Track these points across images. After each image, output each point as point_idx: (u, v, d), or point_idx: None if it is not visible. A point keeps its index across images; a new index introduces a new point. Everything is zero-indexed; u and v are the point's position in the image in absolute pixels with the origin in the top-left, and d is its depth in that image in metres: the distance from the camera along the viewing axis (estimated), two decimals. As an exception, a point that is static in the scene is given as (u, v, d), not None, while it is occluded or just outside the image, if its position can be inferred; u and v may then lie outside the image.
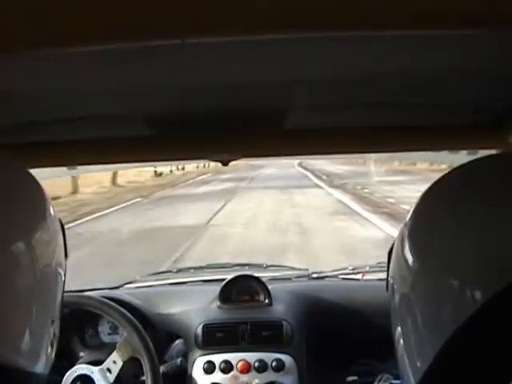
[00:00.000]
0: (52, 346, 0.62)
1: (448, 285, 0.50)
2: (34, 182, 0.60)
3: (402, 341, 0.58)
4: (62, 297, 0.64)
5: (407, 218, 0.58)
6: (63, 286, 0.64)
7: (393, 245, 0.61)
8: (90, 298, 1.39)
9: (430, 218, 0.56)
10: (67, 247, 0.65)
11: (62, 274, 0.63)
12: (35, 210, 0.59)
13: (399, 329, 0.58)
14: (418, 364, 0.54)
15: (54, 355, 0.62)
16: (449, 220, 0.53)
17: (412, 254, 0.55)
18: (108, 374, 1.30)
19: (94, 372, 1.30)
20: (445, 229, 0.52)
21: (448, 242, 0.51)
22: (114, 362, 1.31)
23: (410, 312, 0.55)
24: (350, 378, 1.48)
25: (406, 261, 0.55)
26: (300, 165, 28.52)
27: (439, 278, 0.51)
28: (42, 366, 0.59)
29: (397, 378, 1.35)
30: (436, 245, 0.53)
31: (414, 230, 0.56)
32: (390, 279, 0.60)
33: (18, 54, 0.45)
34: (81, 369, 1.31)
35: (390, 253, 0.62)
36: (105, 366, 1.31)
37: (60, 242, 0.62)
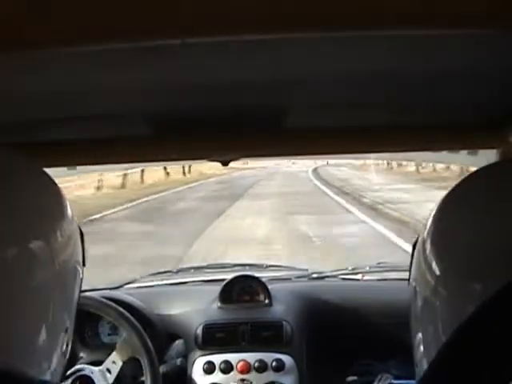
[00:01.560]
0: (64, 355, 0.62)
1: (472, 288, 0.50)
2: (51, 183, 0.60)
3: (422, 345, 0.58)
4: (76, 306, 0.63)
5: (428, 222, 0.58)
6: (79, 295, 0.64)
7: (414, 245, 0.61)
8: (90, 298, 1.39)
9: (452, 221, 0.56)
10: (85, 255, 0.63)
11: (79, 281, 0.62)
12: (53, 212, 0.58)
13: (420, 333, 0.58)
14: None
15: (65, 363, 0.62)
16: (471, 223, 0.53)
17: (434, 258, 0.55)
18: (108, 374, 1.30)
19: (93, 372, 1.30)
20: (467, 232, 0.52)
21: (471, 244, 0.51)
22: (114, 362, 1.31)
23: (432, 316, 0.55)
24: (350, 378, 1.48)
25: (428, 264, 0.55)
26: (325, 182, 16.31)
27: (463, 281, 0.51)
28: (53, 375, 0.59)
29: (396, 378, 1.35)
30: (458, 248, 0.53)
31: (436, 233, 0.56)
32: (412, 282, 0.60)
33: (17, 53, 0.45)
34: (81, 369, 1.31)
35: (412, 253, 0.62)
36: (104, 366, 1.31)
37: (78, 246, 0.62)
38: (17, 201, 0.54)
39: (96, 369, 1.30)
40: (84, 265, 0.64)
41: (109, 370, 1.30)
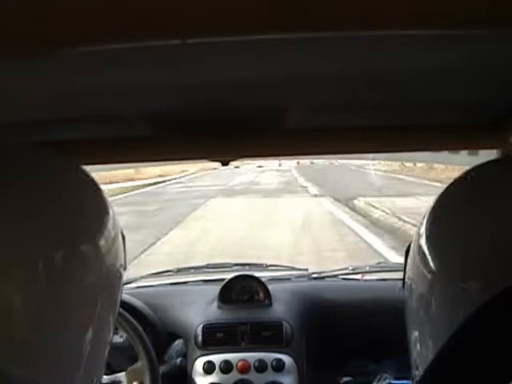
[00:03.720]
0: (106, 359, 0.61)
1: (468, 286, 0.50)
2: (94, 182, 0.60)
3: (418, 343, 0.57)
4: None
5: (424, 219, 0.57)
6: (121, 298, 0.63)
7: (410, 244, 0.61)
8: None
9: (446, 221, 0.56)
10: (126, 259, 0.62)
11: (122, 284, 0.61)
12: (98, 213, 0.58)
13: (416, 331, 0.58)
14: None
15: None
16: (466, 221, 0.53)
17: (430, 255, 0.55)
18: None
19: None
20: (463, 230, 0.52)
21: (467, 242, 0.51)
22: (120, 382, 1.31)
23: (428, 314, 0.55)
24: (350, 378, 1.48)
25: (424, 262, 0.55)
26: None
27: (458, 281, 0.51)
28: (97, 376, 0.59)
29: (396, 378, 1.35)
30: (454, 245, 0.53)
31: (432, 231, 0.56)
32: (408, 280, 0.60)
33: (17, 53, 0.45)
34: None
35: (407, 252, 0.61)
36: (110, 380, 1.31)
37: (121, 248, 0.61)
38: (62, 202, 0.54)
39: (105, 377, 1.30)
40: (125, 269, 0.62)
41: None
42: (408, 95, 0.75)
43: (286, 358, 1.43)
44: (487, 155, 0.98)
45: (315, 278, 1.76)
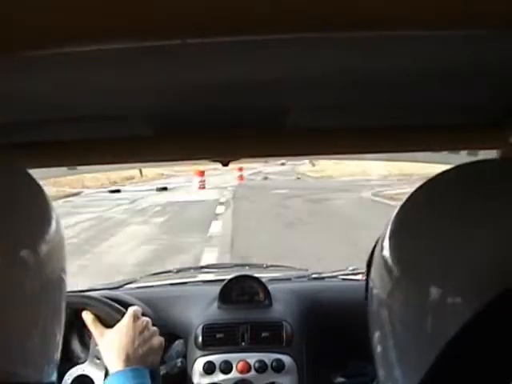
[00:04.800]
0: (57, 359, 0.61)
1: (429, 292, 0.49)
2: (36, 184, 0.59)
3: (378, 347, 0.57)
4: (65, 306, 0.63)
5: (389, 222, 0.57)
6: (65, 301, 0.63)
7: (374, 247, 0.60)
8: (89, 298, 1.39)
9: (412, 223, 0.55)
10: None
11: (65, 287, 0.61)
12: (40, 214, 0.57)
13: (376, 335, 0.58)
14: (396, 373, 0.54)
15: (58, 365, 0.62)
16: (431, 225, 0.52)
17: (392, 260, 0.54)
18: None
19: (94, 373, 1.29)
20: (427, 235, 0.52)
21: (430, 248, 0.51)
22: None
23: (388, 319, 0.54)
24: (350, 379, 1.48)
25: (386, 266, 0.55)
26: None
27: (420, 285, 0.50)
28: (50, 375, 0.59)
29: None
30: (417, 251, 0.52)
31: (396, 234, 0.56)
32: (370, 282, 0.60)
33: (17, 53, 0.45)
34: (81, 369, 1.31)
35: (371, 255, 0.61)
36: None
37: (64, 251, 0.60)
38: (1, 206, 0.52)
39: (97, 370, 1.30)
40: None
41: None
42: (408, 95, 0.75)
43: (286, 359, 1.42)
44: (486, 155, 0.98)
45: (315, 279, 1.76)
